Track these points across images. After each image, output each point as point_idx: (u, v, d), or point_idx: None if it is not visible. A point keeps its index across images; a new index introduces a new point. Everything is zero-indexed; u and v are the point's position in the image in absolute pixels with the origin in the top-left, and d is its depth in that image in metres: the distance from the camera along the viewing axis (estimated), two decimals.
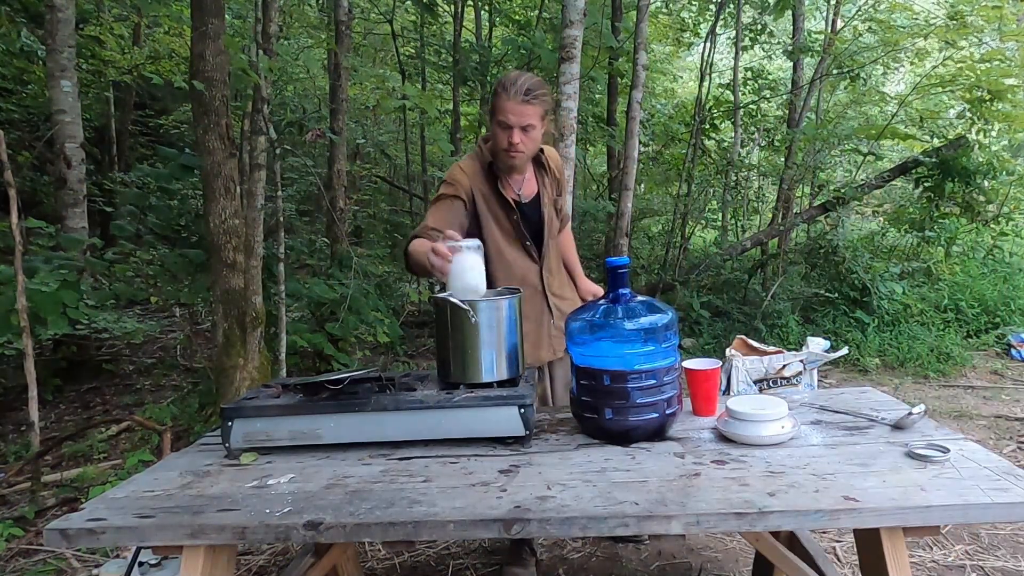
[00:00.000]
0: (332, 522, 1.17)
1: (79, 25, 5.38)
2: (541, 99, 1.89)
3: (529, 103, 1.86)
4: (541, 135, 1.96)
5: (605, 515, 1.16)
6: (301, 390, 1.61)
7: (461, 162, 2.07)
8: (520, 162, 1.97)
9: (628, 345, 1.45)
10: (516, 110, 1.86)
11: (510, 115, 1.87)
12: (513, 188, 2.05)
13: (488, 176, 2.02)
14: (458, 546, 2.47)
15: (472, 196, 2.00)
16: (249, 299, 3.43)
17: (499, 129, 1.91)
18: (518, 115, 1.86)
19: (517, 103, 1.85)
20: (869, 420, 1.57)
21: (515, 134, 1.88)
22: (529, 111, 1.87)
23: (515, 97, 1.85)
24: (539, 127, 1.92)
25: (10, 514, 2.83)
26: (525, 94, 1.85)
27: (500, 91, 1.89)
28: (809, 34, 7.87)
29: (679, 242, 7.17)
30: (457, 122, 6.64)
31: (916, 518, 1.15)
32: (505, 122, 1.88)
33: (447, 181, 2.03)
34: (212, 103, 3.19)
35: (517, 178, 2.05)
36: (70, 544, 1.21)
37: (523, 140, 1.90)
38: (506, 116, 1.87)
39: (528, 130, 1.89)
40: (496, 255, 2.04)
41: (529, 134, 1.90)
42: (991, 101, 5.96)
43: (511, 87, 1.86)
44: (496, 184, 2.02)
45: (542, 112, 1.90)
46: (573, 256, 2.33)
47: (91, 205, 5.21)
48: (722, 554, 2.35)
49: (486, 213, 2.03)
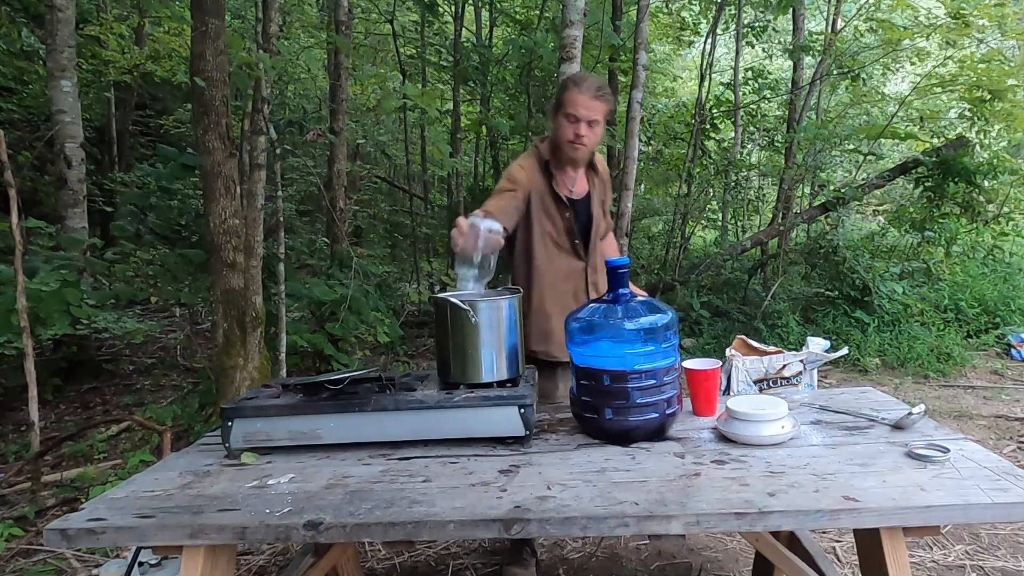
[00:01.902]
0: (332, 522, 1.17)
1: (79, 25, 5.38)
2: (608, 98, 1.99)
3: (599, 99, 1.95)
4: (602, 132, 2.04)
5: (605, 515, 1.16)
6: (301, 390, 1.61)
7: (520, 160, 2.14)
8: (582, 155, 2.04)
9: (628, 345, 1.45)
10: (587, 104, 1.94)
11: (581, 108, 1.94)
12: (567, 185, 2.10)
13: (544, 174, 2.08)
14: (458, 546, 2.47)
15: (528, 194, 2.07)
16: (249, 299, 3.43)
17: (567, 122, 1.98)
18: (588, 109, 1.94)
19: (589, 97, 1.93)
20: (869, 420, 1.57)
21: (583, 127, 1.95)
22: (598, 106, 1.95)
23: (587, 91, 1.94)
24: (602, 124, 2.00)
25: (10, 514, 2.83)
26: (596, 90, 1.95)
27: (571, 86, 1.98)
28: (810, 34, 7.87)
29: (679, 242, 7.17)
30: (457, 122, 6.64)
31: (916, 518, 1.15)
32: (575, 115, 1.95)
33: (507, 178, 2.10)
34: (212, 103, 3.19)
35: (571, 176, 2.11)
36: (70, 544, 1.21)
37: (588, 134, 1.97)
38: (576, 109, 1.95)
39: (593, 125, 1.97)
40: (544, 252, 2.10)
41: (594, 129, 1.98)
42: (991, 101, 5.95)
43: (583, 83, 1.96)
44: (551, 182, 2.08)
45: (606, 111, 1.99)
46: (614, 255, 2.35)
47: (91, 205, 5.21)
48: (722, 554, 2.35)
49: (539, 210, 2.08)
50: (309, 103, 8.42)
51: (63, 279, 3.78)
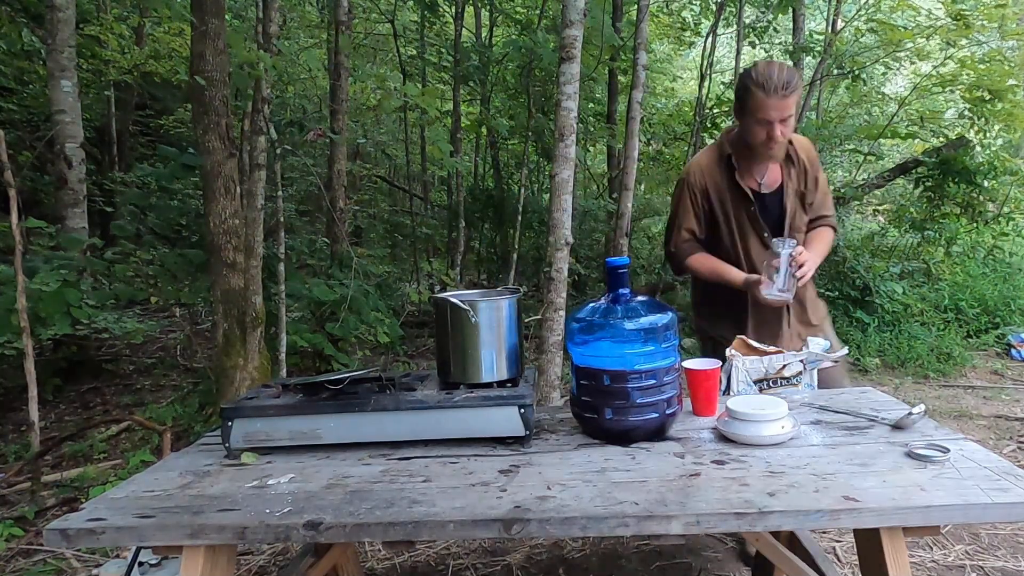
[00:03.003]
0: (332, 522, 1.17)
1: (79, 25, 5.38)
2: (797, 88, 1.86)
3: (788, 96, 1.84)
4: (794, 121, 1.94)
5: (605, 515, 1.15)
6: (301, 390, 1.61)
7: (699, 155, 2.10)
8: (779, 152, 1.95)
9: (628, 345, 1.45)
10: (778, 106, 1.84)
11: (772, 111, 1.85)
12: (755, 178, 2.02)
13: (726, 168, 2.01)
14: (458, 546, 2.47)
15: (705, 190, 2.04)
16: (249, 299, 3.43)
17: (757, 126, 1.89)
18: (780, 110, 1.84)
19: (778, 99, 1.83)
20: (869, 420, 1.57)
21: (776, 128, 1.86)
22: (788, 104, 1.85)
23: (775, 95, 1.82)
24: (794, 113, 1.90)
25: (10, 514, 2.83)
26: (784, 89, 1.82)
27: (755, 89, 1.85)
28: (810, 35, 7.86)
29: None
30: (457, 122, 6.64)
31: (916, 518, 1.15)
32: (766, 119, 1.86)
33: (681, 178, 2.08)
34: (212, 103, 3.19)
35: (760, 168, 2.01)
36: (70, 544, 1.21)
37: (781, 131, 1.88)
38: (767, 113, 1.85)
39: (786, 121, 1.88)
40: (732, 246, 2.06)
41: (787, 124, 1.88)
42: (991, 101, 5.95)
43: (769, 84, 1.83)
44: (734, 175, 2.00)
45: (797, 100, 1.89)
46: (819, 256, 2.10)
47: (91, 205, 5.21)
48: (722, 554, 2.35)
49: (719, 206, 2.03)
50: (309, 103, 8.43)
51: (63, 279, 3.78)
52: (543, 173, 8.29)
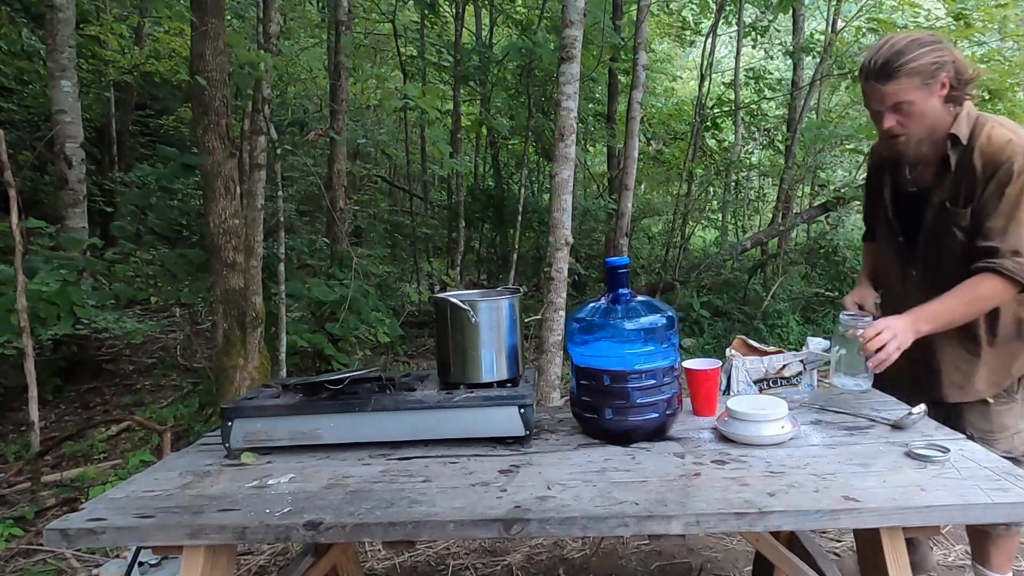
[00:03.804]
0: (332, 522, 1.17)
1: (79, 25, 5.38)
2: (907, 69, 1.50)
3: (891, 80, 1.51)
4: (931, 107, 1.53)
5: (605, 515, 1.16)
6: (301, 390, 1.61)
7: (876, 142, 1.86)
8: (907, 148, 1.60)
9: (628, 345, 1.45)
10: (876, 93, 1.55)
11: (871, 100, 1.58)
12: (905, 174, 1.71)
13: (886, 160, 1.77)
14: (458, 546, 2.47)
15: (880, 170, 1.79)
16: (249, 299, 3.43)
17: (872, 116, 1.63)
18: (879, 98, 1.55)
19: (876, 83, 1.54)
20: (869, 420, 1.57)
21: (886, 119, 1.56)
22: (893, 90, 1.52)
23: (872, 78, 1.54)
24: (921, 100, 1.52)
25: (10, 514, 2.83)
26: (881, 71, 1.52)
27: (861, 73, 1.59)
28: (811, 35, 7.87)
29: (679, 242, 7.17)
30: (457, 122, 6.65)
31: (916, 518, 1.15)
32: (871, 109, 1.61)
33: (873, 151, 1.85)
34: (212, 103, 3.19)
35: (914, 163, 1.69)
36: (70, 544, 1.21)
37: (900, 122, 1.56)
38: (870, 101, 1.59)
39: (901, 108, 1.54)
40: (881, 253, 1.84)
41: (906, 112, 1.54)
42: (991, 101, 5.95)
43: (867, 65, 1.56)
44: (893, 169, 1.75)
45: (918, 83, 1.51)
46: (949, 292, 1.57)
47: (91, 205, 5.21)
48: (722, 554, 2.35)
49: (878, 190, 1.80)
50: (310, 103, 8.43)
51: (63, 279, 3.78)
52: (543, 173, 8.30)
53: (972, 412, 1.66)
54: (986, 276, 1.54)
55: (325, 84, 7.48)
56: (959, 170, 1.58)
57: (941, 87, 1.53)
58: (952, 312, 1.56)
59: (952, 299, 1.55)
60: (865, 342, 1.50)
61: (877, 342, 1.49)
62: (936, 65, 1.51)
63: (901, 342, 1.51)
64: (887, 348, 1.49)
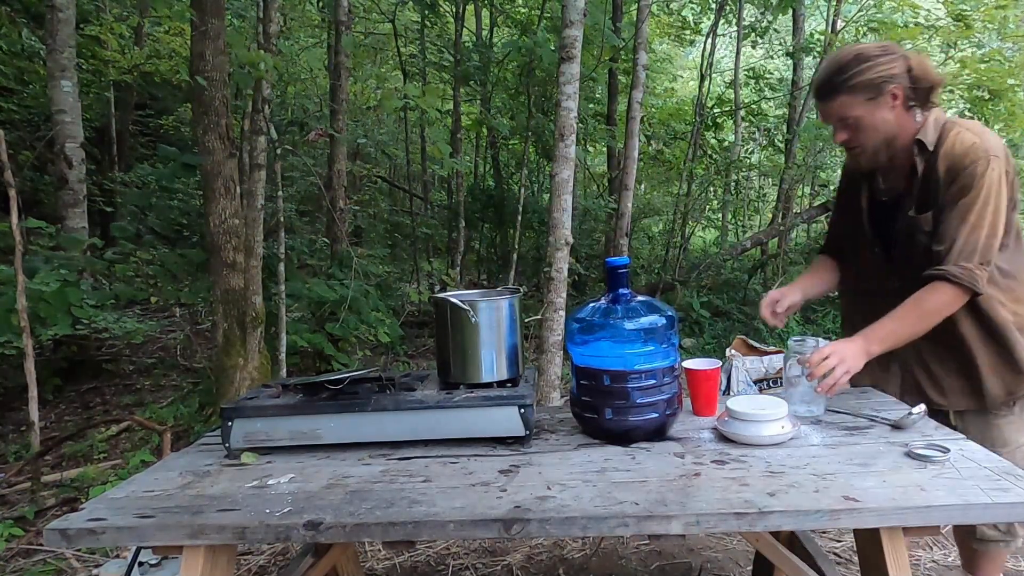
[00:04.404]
0: (332, 522, 1.17)
1: (79, 25, 5.38)
2: (848, 86, 1.52)
3: (832, 97, 1.55)
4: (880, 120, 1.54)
5: (605, 515, 1.15)
6: (301, 390, 1.61)
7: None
8: (864, 159, 1.61)
9: (628, 345, 1.45)
10: (823, 110, 1.60)
11: (821, 117, 1.62)
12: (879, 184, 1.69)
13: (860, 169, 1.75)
14: (458, 546, 2.47)
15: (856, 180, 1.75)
16: (249, 299, 3.43)
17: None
18: (826, 115, 1.60)
19: (818, 102, 1.60)
20: (869, 420, 1.57)
21: (837, 134, 1.60)
22: (836, 107, 1.55)
23: (816, 96, 1.61)
24: (868, 114, 1.53)
25: (10, 514, 2.83)
26: (821, 90, 1.57)
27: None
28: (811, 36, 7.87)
29: (679, 242, 7.18)
30: (457, 122, 6.65)
31: (916, 518, 1.15)
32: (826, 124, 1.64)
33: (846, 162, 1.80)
34: (212, 103, 3.20)
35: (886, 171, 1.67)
36: (70, 544, 1.21)
37: (851, 136, 1.58)
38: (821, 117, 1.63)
39: (848, 123, 1.56)
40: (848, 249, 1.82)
41: (854, 126, 1.56)
42: (991, 101, 5.96)
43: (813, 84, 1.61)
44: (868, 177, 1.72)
45: (861, 98, 1.52)
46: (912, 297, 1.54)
47: (91, 205, 5.21)
48: (722, 554, 2.35)
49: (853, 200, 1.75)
50: (310, 103, 8.43)
51: (63, 279, 3.78)
52: (543, 173, 8.30)
53: (974, 425, 1.63)
54: (936, 285, 1.52)
55: (325, 84, 7.48)
56: (925, 176, 1.57)
57: (892, 98, 1.52)
58: (903, 329, 1.54)
59: (902, 315, 1.53)
60: (811, 367, 1.49)
61: (823, 368, 1.47)
62: (882, 79, 1.50)
63: (850, 366, 1.49)
64: (835, 373, 1.47)
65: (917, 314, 1.53)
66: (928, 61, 1.57)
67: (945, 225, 1.53)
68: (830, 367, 1.47)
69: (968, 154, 1.50)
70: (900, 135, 1.57)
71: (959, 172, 1.51)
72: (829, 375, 1.47)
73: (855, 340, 1.53)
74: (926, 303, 1.52)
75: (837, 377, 1.48)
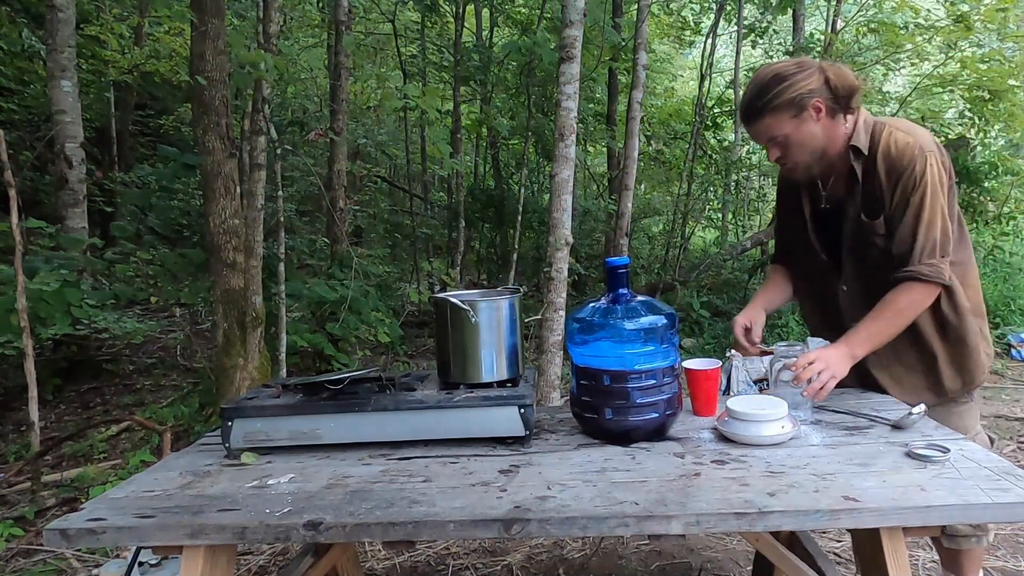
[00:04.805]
0: (332, 522, 1.17)
1: (79, 25, 5.38)
2: (771, 108, 1.54)
3: (757, 119, 1.57)
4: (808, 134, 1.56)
5: (605, 515, 1.15)
6: (301, 390, 1.61)
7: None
8: (800, 175, 1.64)
9: (628, 345, 1.45)
10: (751, 132, 1.63)
11: (752, 137, 1.65)
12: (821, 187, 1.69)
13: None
14: (458, 546, 2.47)
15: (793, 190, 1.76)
16: (249, 299, 3.43)
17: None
18: (755, 136, 1.63)
19: (746, 125, 1.62)
20: (869, 420, 1.57)
21: (770, 152, 1.62)
22: (762, 128, 1.58)
23: (742, 119, 1.62)
24: (794, 131, 1.55)
25: (10, 514, 2.83)
26: (746, 113, 1.59)
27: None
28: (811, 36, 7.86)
29: (679, 242, 7.17)
30: (458, 122, 6.65)
31: (916, 518, 1.15)
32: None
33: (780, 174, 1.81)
34: (212, 103, 3.20)
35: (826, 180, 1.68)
36: (70, 544, 1.21)
37: (783, 154, 1.60)
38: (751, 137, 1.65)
39: (778, 141, 1.58)
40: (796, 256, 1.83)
41: (783, 144, 1.58)
42: (991, 101, 5.96)
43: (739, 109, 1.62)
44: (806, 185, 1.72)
45: (786, 117, 1.54)
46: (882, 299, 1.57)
47: (91, 205, 5.21)
48: (722, 554, 2.35)
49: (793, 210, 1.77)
50: (310, 103, 8.44)
51: (63, 279, 3.78)
52: (543, 173, 8.30)
53: (937, 414, 1.64)
54: (906, 285, 1.55)
55: (325, 84, 7.48)
56: (866, 180, 1.59)
57: (816, 112, 1.54)
58: (883, 330, 1.56)
59: (880, 316, 1.56)
60: (797, 371, 1.52)
61: (809, 372, 1.50)
62: (801, 95, 1.52)
63: (836, 372, 1.52)
64: (821, 378, 1.50)
65: (894, 313, 1.56)
66: (845, 68, 1.58)
67: (902, 227, 1.55)
68: (816, 372, 1.50)
69: (905, 154, 1.54)
70: (830, 145, 1.59)
71: (901, 173, 1.54)
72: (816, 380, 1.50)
73: (839, 346, 1.56)
74: (900, 302, 1.55)
75: (823, 381, 1.51)
